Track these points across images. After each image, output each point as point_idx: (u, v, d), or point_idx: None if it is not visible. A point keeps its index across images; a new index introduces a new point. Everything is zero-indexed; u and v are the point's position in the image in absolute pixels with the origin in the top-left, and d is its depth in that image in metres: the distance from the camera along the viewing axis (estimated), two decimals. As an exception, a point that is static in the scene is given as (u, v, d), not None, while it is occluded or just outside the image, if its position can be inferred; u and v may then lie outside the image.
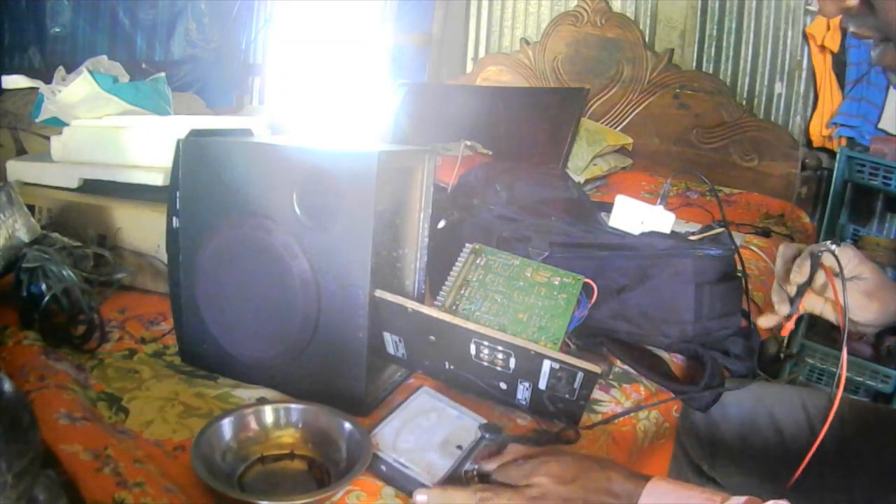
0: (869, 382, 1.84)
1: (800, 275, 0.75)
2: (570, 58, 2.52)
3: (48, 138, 1.32)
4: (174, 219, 0.85)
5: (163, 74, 1.51)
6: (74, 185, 1.19)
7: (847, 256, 0.74)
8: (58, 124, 1.35)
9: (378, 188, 0.71)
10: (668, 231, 1.15)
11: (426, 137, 1.92)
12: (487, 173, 1.36)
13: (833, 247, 0.74)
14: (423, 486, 0.66)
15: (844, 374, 0.69)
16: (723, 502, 0.53)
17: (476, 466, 0.68)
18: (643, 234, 1.12)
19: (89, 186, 1.19)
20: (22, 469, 0.45)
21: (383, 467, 0.69)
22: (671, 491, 0.57)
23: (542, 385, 0.74)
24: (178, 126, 1.14)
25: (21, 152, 1.75)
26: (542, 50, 2.58)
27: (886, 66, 0.57)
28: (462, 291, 0.84)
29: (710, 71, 2.37)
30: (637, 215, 1.15)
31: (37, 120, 1.41)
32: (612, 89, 2.44)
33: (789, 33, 2.25)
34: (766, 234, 1.79)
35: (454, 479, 0.66)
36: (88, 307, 0.88)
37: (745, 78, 2.33)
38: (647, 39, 2.41)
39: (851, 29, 0.58)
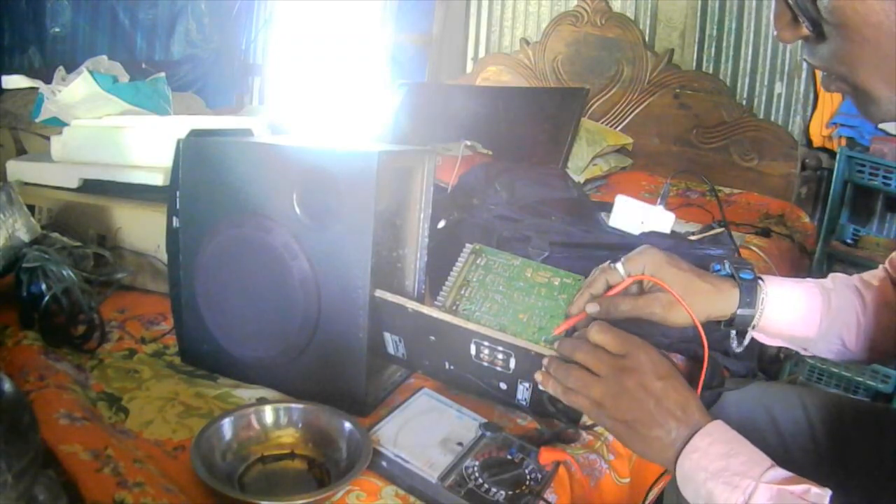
0: (869, 382, 1.84)
1: (591, 287, 0.76)
2: (570, 58, 2.52)
3: (48, 138, 1.32)
4: (174, 219, 0.85)
5: (163, 74, 1.51)
6: (74, 185, 1.19)
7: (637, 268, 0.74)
8: (58, 124, 1.35)
9: (378, 188, 0.71)
10: (668, 231, 1.15)
11: (426, 137, 1.91)
12: (487, 173, 1.36)
13: (618, 265, 0.76)
14: (424, 481, 0.66)
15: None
16: (760, 475, 0.54)
17: (476, 463, 0.68)
18: (643, 234, 1.12)
19: (89, 186, 1.19)
20: (22, 469, 0.45)
21: (384, 463, 0.69)
22: (725, 441, 0.58)
23: (543, 385, 0.74)
24: (178, 126, 1.14)
25: (21, 152, 1.75)
26: (542, 50, 2.58)
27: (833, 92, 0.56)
28: (462, 291, 0.84)
29: (710, 71, 2.36)
30: (637, 215, 1.16)
31: (37, 120, 1.41)
32: (612, 89, 2.44)
33: (789, 33, 2.24)
34: (765, 234, 1.79)
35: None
36: (88, 307, 0.88)
37: (745, 78, 2.33)
38: (647, 39, 2.41)
39: (804, 56, 0.56)
